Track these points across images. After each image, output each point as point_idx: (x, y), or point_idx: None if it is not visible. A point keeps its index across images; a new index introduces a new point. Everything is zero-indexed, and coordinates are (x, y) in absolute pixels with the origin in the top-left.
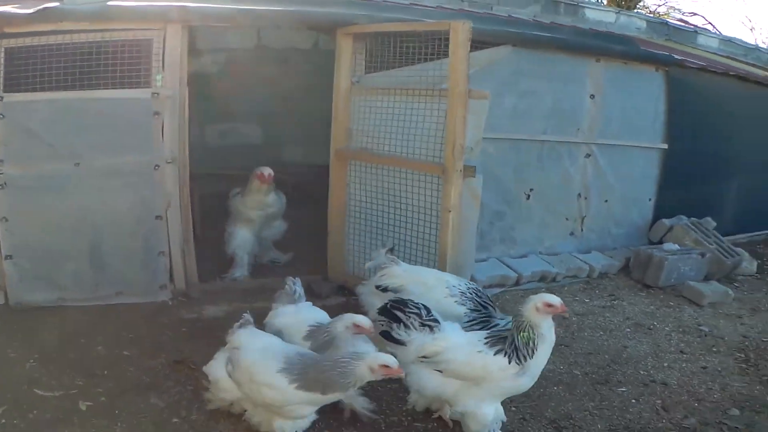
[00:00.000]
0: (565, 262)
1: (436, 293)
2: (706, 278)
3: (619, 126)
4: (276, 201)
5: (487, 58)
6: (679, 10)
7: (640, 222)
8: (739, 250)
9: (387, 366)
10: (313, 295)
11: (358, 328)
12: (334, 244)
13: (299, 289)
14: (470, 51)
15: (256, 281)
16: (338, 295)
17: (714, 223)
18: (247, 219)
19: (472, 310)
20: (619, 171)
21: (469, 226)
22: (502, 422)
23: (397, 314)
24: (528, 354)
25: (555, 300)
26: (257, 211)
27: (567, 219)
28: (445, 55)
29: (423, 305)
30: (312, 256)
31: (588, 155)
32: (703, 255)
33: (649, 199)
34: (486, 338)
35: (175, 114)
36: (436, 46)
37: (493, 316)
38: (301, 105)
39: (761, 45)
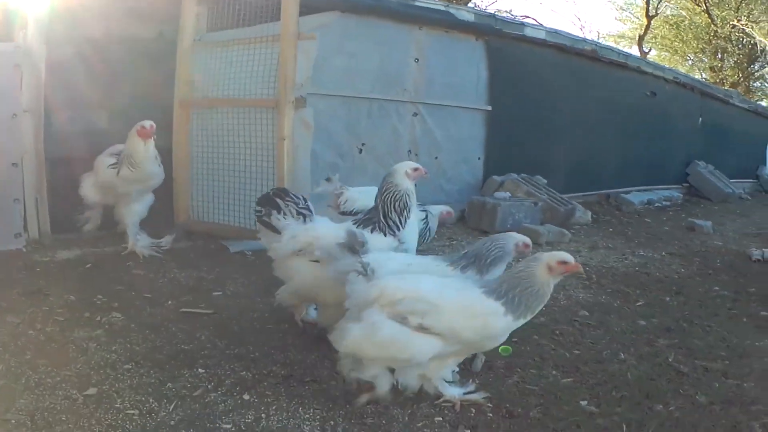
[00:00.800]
0: None
1: None
2: (542, 225)
3: (443, 88)
4: (160, 172)
5: (317, 22)
6: (509, 12)
7: (471, 179)
8: (572, 201)
9: (565, 262)
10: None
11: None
12: (179, 193)
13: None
14: (301, 16)
15: (108, 231)
16: (186, 239)
17: (545, 181)
18: (124, 194)
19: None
20: (447, 130)
21: (303, 153)
22: None
23: (277, 201)
24: (401, 223)
25: (419, 165)
26: (136, 185)
27: None
28: (279, 18)
29: (302, 196)
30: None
31: (415, 114)
32: (536, 204)
33: (479, 158)
34: (355, 222)
35: (33, 68)
36: (272, 11)
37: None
38: (147, 92)
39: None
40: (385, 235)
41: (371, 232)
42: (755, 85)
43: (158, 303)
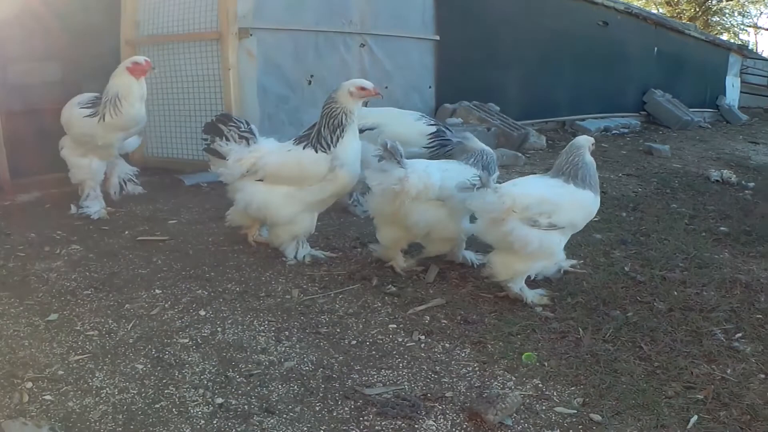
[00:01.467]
0: None
1: (408, 118)
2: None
3: (389, 19)
4: (145, 115)
5: None
6: None
7: (423, 108)
8: (525, 126)
9: (363, 88)
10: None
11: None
12: None
13: None
14: None
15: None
16: (141, 175)
17: (498, 108)
18: (104, 145)
19: (432, 125)
20: (396, 60)
21: (249, 82)
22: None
23: (221, 127)
24: (332, 142)
25: (368, 84)
26: (120, 132)
27: None
28: None
29: (245, 120)
30: None
31: (363, 45)
32: (489, 129)
33: (429, 87)
34: (295, 140)
35: None
36: None
37: (449, 129)
38: (96, 37)
39: None
40: (316, 151)
41: (304, 147)
42: (714, 20)
43: (116, 234)
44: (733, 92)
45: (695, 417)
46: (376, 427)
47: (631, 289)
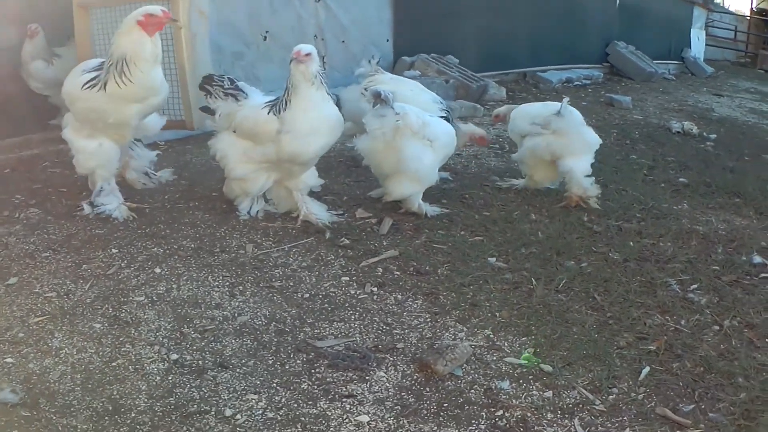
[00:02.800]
0: None
1: (426, 96)
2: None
3: None
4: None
5: None
6: None
7: (382, 62)
8: (485, 78)
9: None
10: None
11: None
12: None
13: None
14: None
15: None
16: None
17: (456, 60)
18: (117, 123)
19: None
20: (352, 15)
21: (201, 40)
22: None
23: (207, 87)
24: (283, 106)
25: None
26: (132, 105)
27: None
28: None
29: (229, 78)
30: None
31: (318, 0)
32: (447, 81)
33: (387, 40)
34: (271, 100)
35: None
36: None
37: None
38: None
39: None
40: (268, 112)
41: (268, 113)
42: None
43: (74, 196)
44: (698, 45)
45: (647, 368)
46: (328, 379)
47: (586, 240)
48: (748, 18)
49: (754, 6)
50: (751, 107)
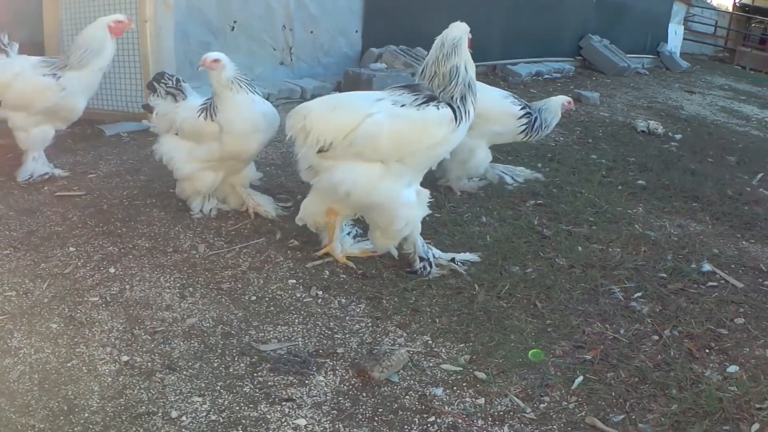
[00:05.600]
0: (278, 85)
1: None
2: None
3: None
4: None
5: None
6: None
7: (350, 52)
8: None
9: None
10: None
11: None
12: None
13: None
14: None
15: None
16: None
17: (426, 52)
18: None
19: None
20: (323, 5)
21: (167, 33)
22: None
23: (154, 84)
24: (213, 111)
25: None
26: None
27: (275, 49)
28: None
29: (176, 78)
30: None
31: None
32: (413, 74)
33: (356, 31)
34: (203, 103)
35: None
36: None
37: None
38: None
39: None
40: (206, 117)
41: (199, 116)
42: None
43: (35, 189)
44: (675, 39)
45: (581, 377)
46: (269, 383)
47: (534, 244)
48: (730, 13)
49: (737, 1)
50: (722, 105)
